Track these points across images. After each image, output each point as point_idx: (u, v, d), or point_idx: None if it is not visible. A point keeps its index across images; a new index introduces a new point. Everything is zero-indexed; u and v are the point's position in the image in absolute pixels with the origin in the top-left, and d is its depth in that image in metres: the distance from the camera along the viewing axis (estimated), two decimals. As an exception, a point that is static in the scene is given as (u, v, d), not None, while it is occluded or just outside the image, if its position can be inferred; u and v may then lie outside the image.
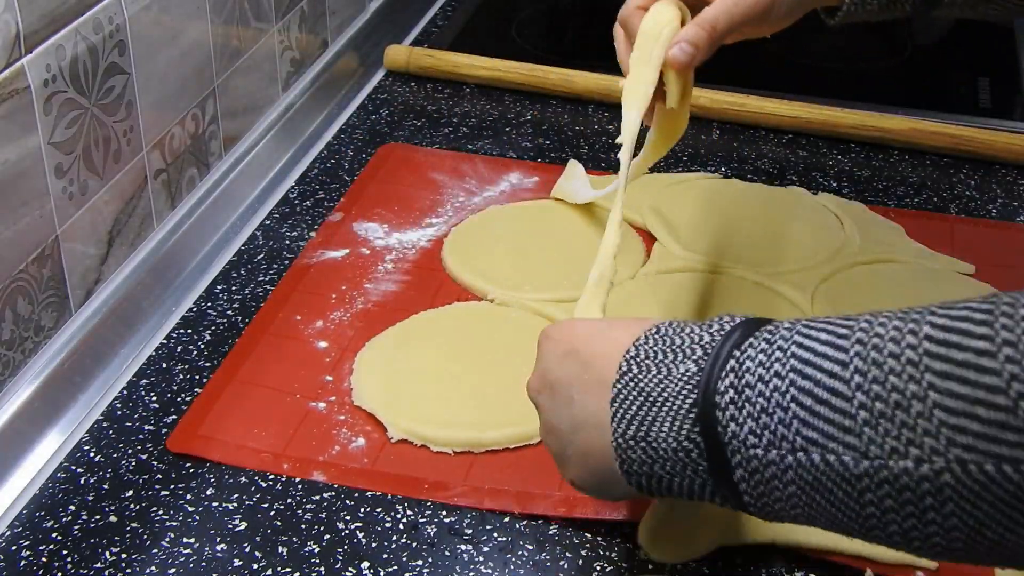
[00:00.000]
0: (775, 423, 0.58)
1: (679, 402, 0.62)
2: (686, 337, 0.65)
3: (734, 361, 0.61)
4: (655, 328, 0.67)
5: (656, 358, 0.64)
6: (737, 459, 0.60)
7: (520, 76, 1.38)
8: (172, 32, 1.06)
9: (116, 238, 1.02)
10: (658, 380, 0.63)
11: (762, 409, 0.58)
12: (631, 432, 0.64)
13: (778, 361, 0.59)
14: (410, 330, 1.01)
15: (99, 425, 0.92)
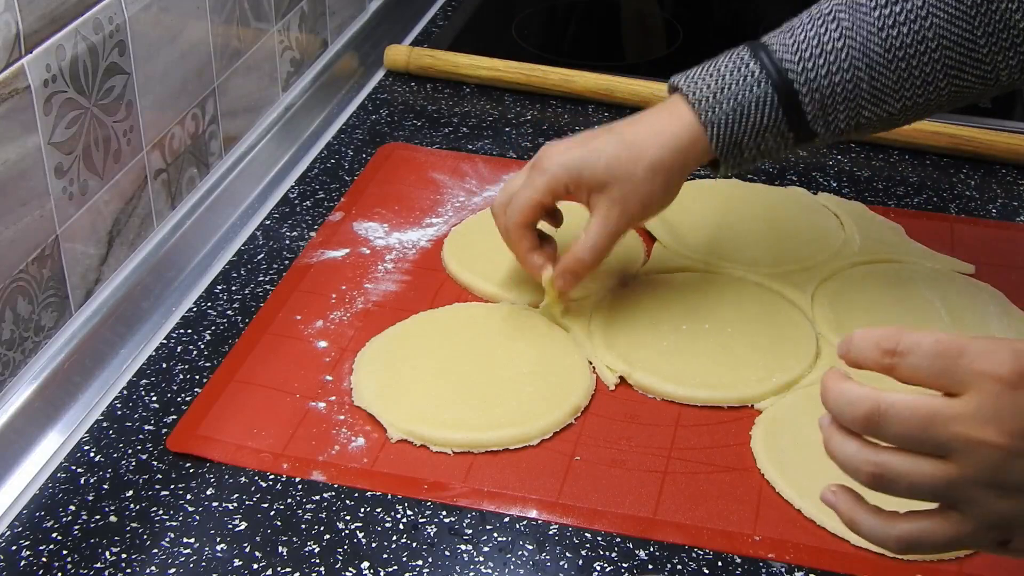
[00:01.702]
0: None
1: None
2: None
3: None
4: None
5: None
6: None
7: (520, 76, 1.38)
8: (172, 32, 1.06)
9: (116, 238, 1.02)
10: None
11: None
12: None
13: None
14: (410, 330, 1.01)
15: (99, 425, 0.92)
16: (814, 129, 0.93)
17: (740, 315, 1.02)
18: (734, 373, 0.96)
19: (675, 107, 0.95)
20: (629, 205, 0.95)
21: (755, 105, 0.92)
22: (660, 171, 0.94)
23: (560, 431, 0.92)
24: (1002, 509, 0.61)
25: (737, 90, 0.92)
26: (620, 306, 1.04)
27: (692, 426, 0.93)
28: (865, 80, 0.91)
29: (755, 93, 0.92)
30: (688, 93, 0.94)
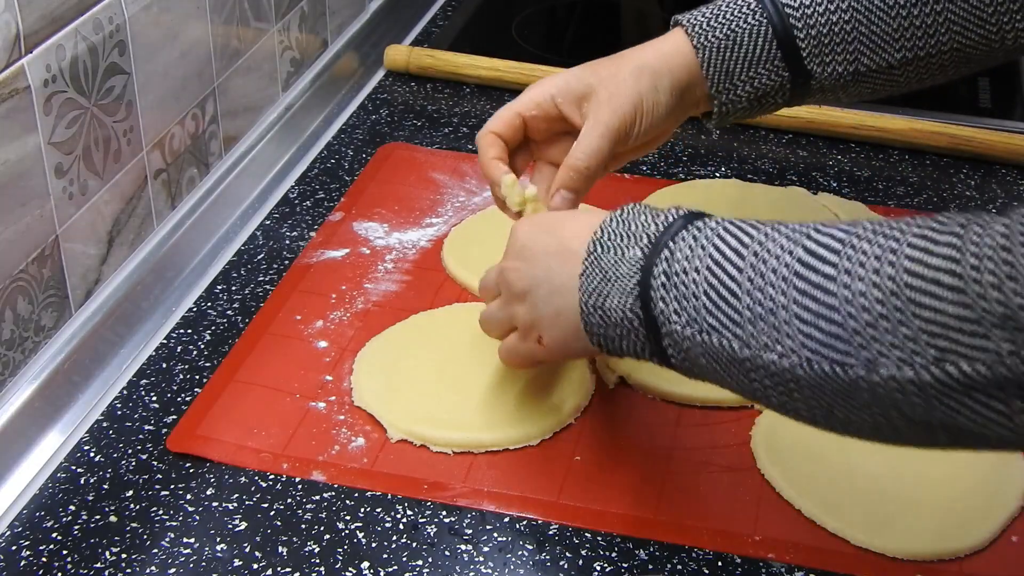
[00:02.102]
0: (690, 307, 0.72)
1: (626, 281, 0.76)
2: (639, 224, 0.78)
3: (667, 251, 0.75)
4: (620, 211, 0.79)
5: (615, 239, 0.78)
6: (664, 330, 0.74)
7: (520, 76, 1.38)
8: (172, 32, 1.06)
9: (116, 238, 1.02)
10: (614, 260, 0.77)
11: (682, 295, 0.73)
12: (592, 301, 0.78)
13: (698, 257, 0.73)
14: (410, 330, 1.01)
15: (99, 425, 0.92)
16: (810, 68, 0.91)
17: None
18: (734, 373, 0.96)
19: (672, 35, 0.94)
20: (620, 103, 0.92)
21: (748, 35, 0.91)
22: (646, 71, 0.92)
23: (560, 431, 0.92)
24: (524, 313, 0.84)
25: (732, 19, 0.92)
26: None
27: (692, 426, 0.93)
28: (864, 24, 0.90)
29: (749, 23, 0.91)
30: (683, 20, 0.93)
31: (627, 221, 0.78)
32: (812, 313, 0.66)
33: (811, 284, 0.66)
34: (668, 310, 0.73)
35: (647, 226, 0.77)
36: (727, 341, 0.70)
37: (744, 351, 0.69)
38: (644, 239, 0.76)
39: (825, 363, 0.65)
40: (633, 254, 0.76)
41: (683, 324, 0.72)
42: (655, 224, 0.77)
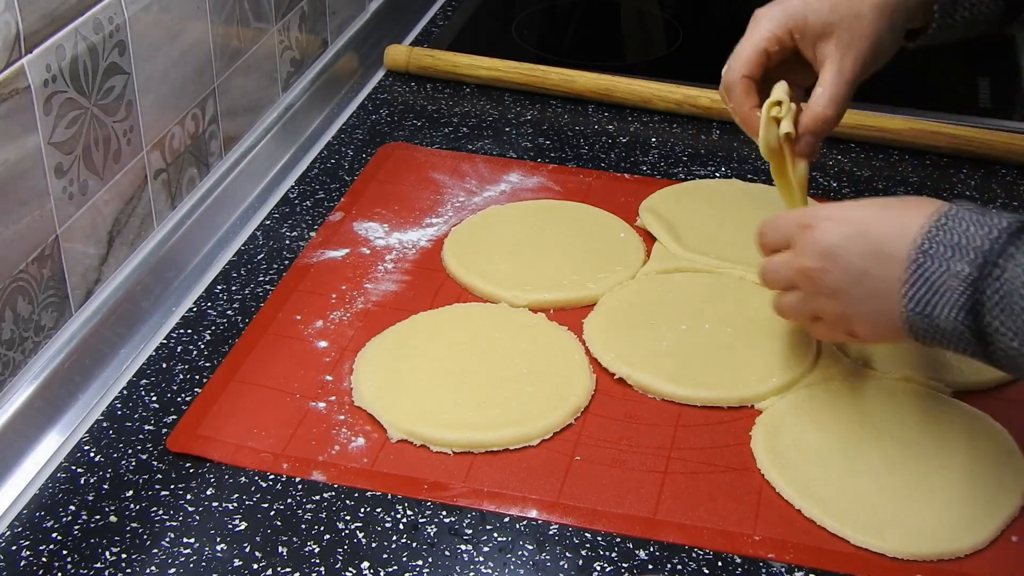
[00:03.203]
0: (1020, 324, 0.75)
1: (956, 295, 0.79)
2: (965, 236, 0.79)
3: (998, 270, 0.77)
4: (941, 218, 0.81)
5: (940, 252, 0.79)
6: (993, 342, 0.78)
7: (520, 76, 1.38)
8: (172, 32, 1.06)
9: (116, 238, 1.02)
10: (940, 273, 0.79)
11: (1016, 312, 0.76)
12: (917, 309, 0.81)
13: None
14: (410, 330, 1.01)
15: (99, 425, 0.92)
16: None
17: (740, 315, 1.02)
18: (734, 373, 0.96)
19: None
20: (861, 49, 0.92)
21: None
22: (887, 8, 0.92)
23: (560, 431, 0.92)
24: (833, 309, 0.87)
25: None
26: (620, 306, 1.04)
27: (692, 426, 0.93)
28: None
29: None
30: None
31: (951, 231, 0.80)
32: None
33: None
34: (1001, 328, 0.76)
35: (973, 239, 0.79)
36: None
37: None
38: (971, 254, 0.78)
39: None
40: (961, 269, 0.78)
41: (1012, 338, 0.76)
42: (981, 238, 0.78)
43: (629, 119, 1.34)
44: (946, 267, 0.79)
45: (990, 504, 0.85)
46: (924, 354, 0.98)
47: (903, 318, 0.81)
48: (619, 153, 1.28)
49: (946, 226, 0.80)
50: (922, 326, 0.81)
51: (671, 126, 1.33)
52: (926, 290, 0.80)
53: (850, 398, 0.94)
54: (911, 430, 0.91)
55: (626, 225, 1.15)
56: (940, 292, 0.79)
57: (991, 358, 0.79)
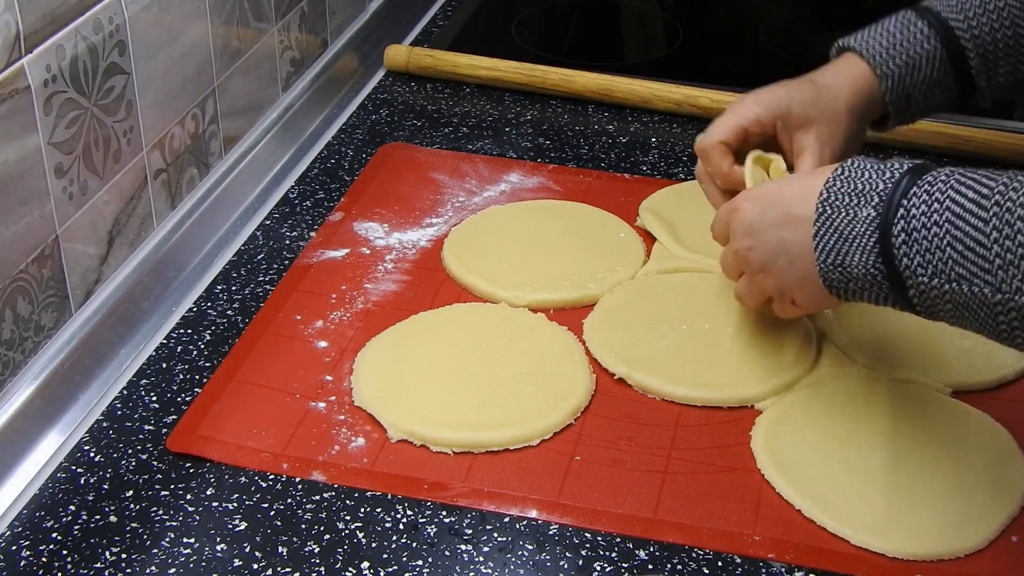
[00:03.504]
0: (935, 260, 0.77)
1: (864, 240, 0.80)
2: (865, 183, 0.81)
3: (903, 209, 0.78)
4: (840, 170, 0.83)
5: (843, 201, 0.82)
6: (910, 283, 0.79)
7: (520, 76, 1.38)
8: (172, 32, 1.06)
9: (116, 238, 1.02)
10: (847, 220, 0.81)
11: (926, 249, 0.77)
12: (830, 259, 0.82)
13: (936, 212, 0.77)
14: (410, 330, 1.01)
15: (99, 425, 0.92)
16: (977, 83, 0.98)
17: (740, 315, 1.02)
18: (734, 373, 0.96)
19: (851, 63, 1.00)
20: (837, 145, 0.98)
21: (925, 60, 0.97)
22: (856, 113, 0.98)
23: (560, 431, 0.92)
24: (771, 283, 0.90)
25: (908, 46, 0.97)
26: (620, 306, 1.04)
27: (692, 426, 0.93)
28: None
29: (925, 48, 0.97)
30: (862, 50, 0.99)
31: (851, 180, 0.82)
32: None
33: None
34: (912, 264, 0.77)
35: (875, 184, 0.81)
36: (977, 288, 0.75)
37: (996, 296, 0.74)
38: (875, 198, 0.80)
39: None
40: (866, 214, 0.80)
41: (929, 276, 0.77)
42: (882, 182, 0.81)
43: (629, 119, 1.34)
44: (852, 214, 0.81)
45: (990, 504, 0.85)
46: (924, 354, 0.98)
47: (819, 273, 0.83)
48: (619, 153, 1.28)
49: (846, 176, 0.82)
50: (836, 277, 0.82)
51: (671, 126, 1.33)
52: (835, 239, 0.81)
53: (850, 398, 0.94)
54: (911, 430, 0.91)
55: (626, 225, 1.15)
56: (848, 239, 0.81)
57: (909, 303, 0.80)
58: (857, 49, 0.99)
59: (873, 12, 1.77)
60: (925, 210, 0.77)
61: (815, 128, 0.97)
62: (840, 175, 0.83)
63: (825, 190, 0.83)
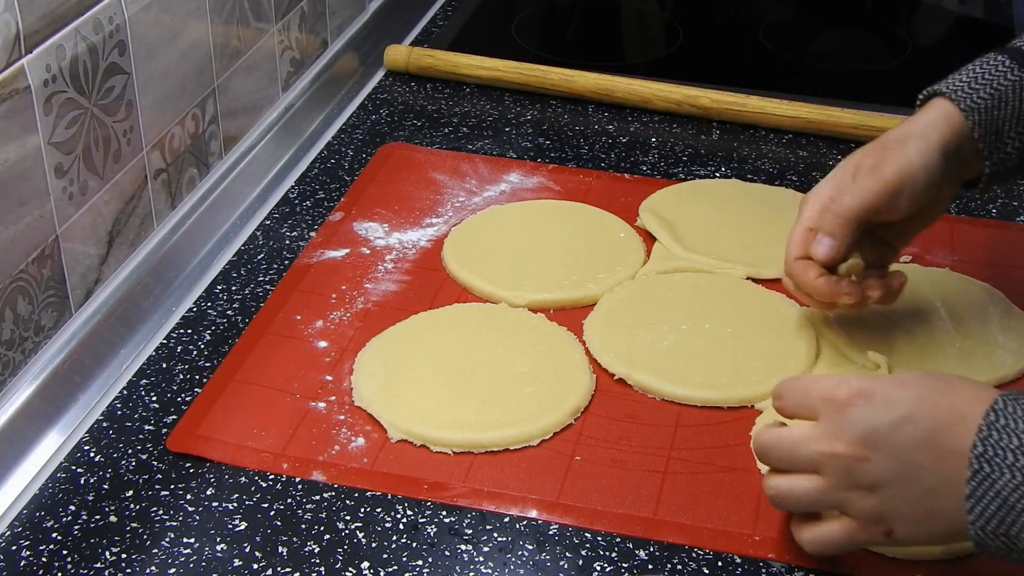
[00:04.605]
0: None
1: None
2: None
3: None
4: (994, 415, 0.72)
5: (1007, 459, 0.70)
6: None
7: (520, 76, 1.38)
8: (172, 32, 1.06)
9: (116, 238, 1.02)
10: (1014, 486, 0.70)
11: None
12: (991, 527, 0.71)
13: None
14: (410, 330, 1.01)
15: (99, 425, 0.92)
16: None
17: (740, 315, 1.02)
18: (734, 373, 0.96)
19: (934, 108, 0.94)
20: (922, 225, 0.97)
21: (1012, 90, 0.92)
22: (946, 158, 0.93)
23: (560, 431, 0.92)
24: (870, 506, 0.75)
25: (991, 78, 0.92)
26: (620, 306, 1.04)
27: (692, 426, 0.93)
28: None
29: (1010, 79, 0.92)
30: (943, 89, 0.94)
31: (1011, 433, 0.71)
32: None
33: None
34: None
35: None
36: None
37: None
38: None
39: None
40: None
41: None
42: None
43: (629, 119, 1.34)
44: (1020, 478, 0.69)
45: (990, 504, 0.85)
46: (924, 354, 0.98)
47: (974, 539, 0.72)
48: (619, 153, 1.28)
49: (1004, 426, 0.71)
50: (998, 546, 0.71)
51: (671, 126, 1.33)
52: (998, 506, 0.70)
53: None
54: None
55: (626, 225, 1.15)
56: (1018, 510, 0.70)
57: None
58: (941, 90, 0.94)
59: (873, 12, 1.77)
60: None
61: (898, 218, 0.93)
62: (996, 423, 0.71)
63: (980, 442, 0.71)
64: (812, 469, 0.76)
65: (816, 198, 0.94)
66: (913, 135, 0.93)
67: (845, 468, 0.75)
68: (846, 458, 0.75)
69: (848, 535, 0.77)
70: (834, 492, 0.76)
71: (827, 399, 0.76)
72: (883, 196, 0.92)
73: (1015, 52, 0.93)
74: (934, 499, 0.73)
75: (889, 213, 0.93)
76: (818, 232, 0.93)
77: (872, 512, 0.75)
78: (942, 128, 0.92)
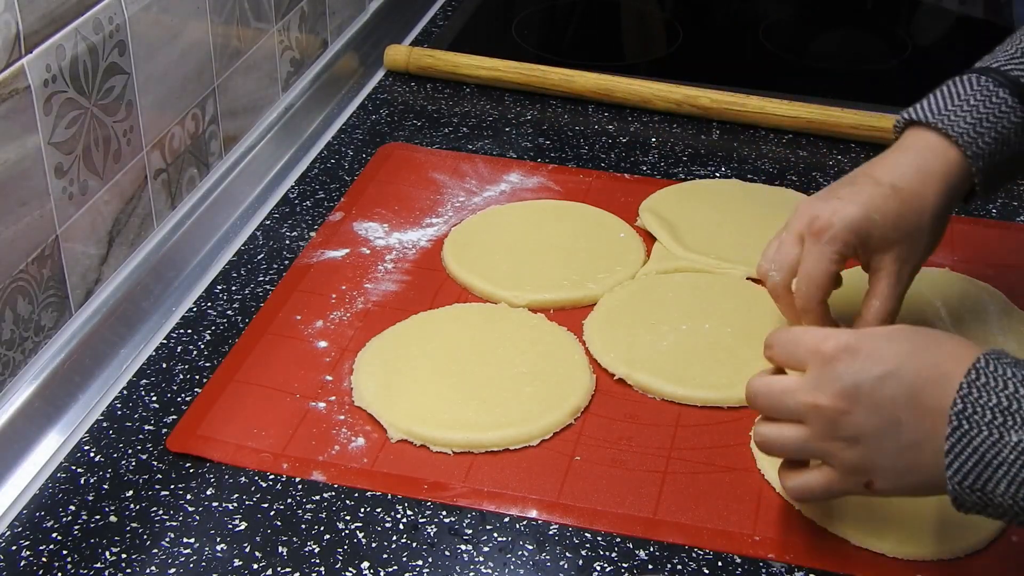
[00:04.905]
0: None
1: (1015, 471, 0.70)
2: (1010, 399, 0.71)
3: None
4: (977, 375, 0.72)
5: (985, 418, 0.71)
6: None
7: (520, 76, 1.38)
8: (172, 32, 1.06)
9: (116, 238, 1.02)
10: (990, 443, 0.71)
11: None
12: (967, 483, 0.72)
13: None
14: (410, 330, 1.01)
15: (99, 425, 0.92)
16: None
17: (740, 315, 1.02)
18: (734, 373, 0.96)
19: (933, 145, 0.91)
20: (916, 260, 0.92)
21: (1014, 134, 0.90)
22: (942, 218, 0.91)
23: (560, 431, 0.92)
24: (851, 457, 0.76)
25: (995, 121, 0.90)
26: (620, 306, 1.04)
27: (692, 426, 0.93)
28: None
29: (1013, 122, 0.90)
30: (947, 130, 0.90)
31: (991, 392, 0.72)
32: None
33: None
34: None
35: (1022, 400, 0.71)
36: None
37: None
38: None
39: None
40: (1016, 439, 0.70)
41: None
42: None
43: (629, 119, 1.34)
44: (997, 436, 0.70)
45: (990, 504, 0.85)
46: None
47: (952, 494, 0.73)
48: (619, 153, 1.28)
49: (984, 384, 0.72)
50: (974, 501, 0.72)
51: (671, 126, 1.33)
52: (975, 462, 0.71)
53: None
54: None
55: (626, 225, 1.15)
56: (992, 466, 0.71)
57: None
58: (940, 128, 0.90)
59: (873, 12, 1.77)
60: None
61: (895, 250, 0.90)
62: (976, 381, 0.72)
63: (960, 399, 0.72)
64: (797, 419, 0.78)
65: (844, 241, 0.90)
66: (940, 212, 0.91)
67: (828, 420, 0.76)
68: (829, 410, 0.76)
69: (828, 484, 0.79)
70: (817, 442, 0.78)
71: (814, 351, 0.78)
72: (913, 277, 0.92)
73: (1012, 85, 0.90)
74: (914, 454, 0.74)
75: None
76: None
77: (853, 463, 0.77)
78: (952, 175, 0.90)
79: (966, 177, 0.90)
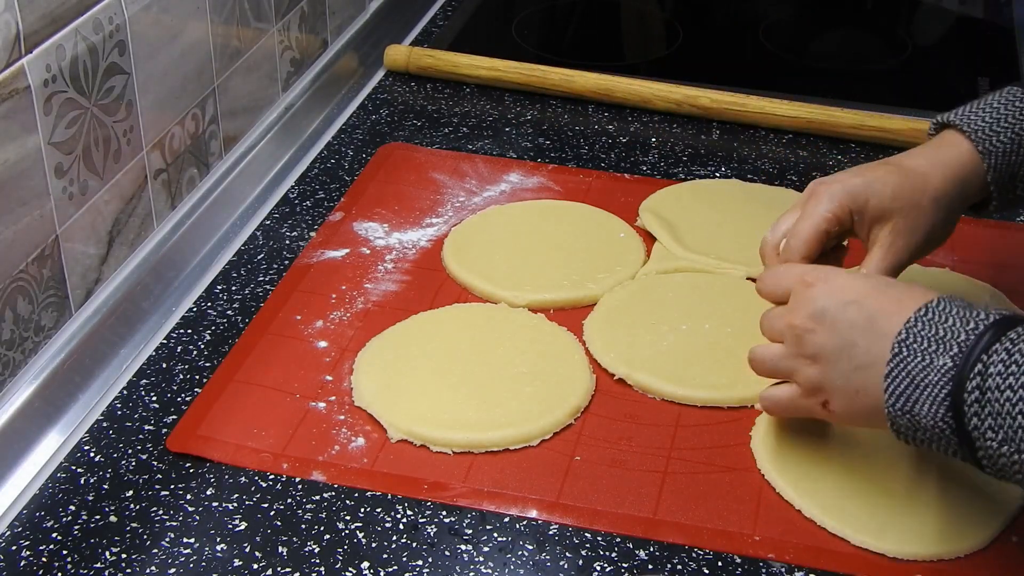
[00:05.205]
0: (1007, 426, 0.71)
1: (936, 390, 0.75)
2: (947, 330, 0.76)
3: (980, 365, 0.73)
4: (925, 310, 0.77)
5: (921, 345, 0.76)
6: (978, 444, 0.74)
7: (520, 76, 1.38)
8: (172, 32, 1.06)
9: (116, 238, 1.02)
10: (922, 367, 0.76)
11: (998, 412, 0.72)
12: (899, 404, 0.77)
13: (1013, 375, 0.71)
14: (410, 330, 1.01)
15: (99, 425, 0.92)
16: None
17: (740, 315, 1.02)
18: (734, 373, 0.96)
19: (950, 141, 0.92)
20: (914, 237, 0.91)
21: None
22: (943, 202, 0.91)
23: (560, 431, 0.92)
24: (811, 375, 0.83)
25: (1015, 121, 0.91)
26: (620, 306, 1.04)
27: (692, 426, 0.93)
28: None
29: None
30: (963, 125, 0.92)
31: (933, 324, 0.76)
32: None
33: None
34: (983, 426, 0.72)
35: (956, 333, 0.75)
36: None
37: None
38: (954, 348, 0.74)
39: None
40: (943, 363, 0.75)
41: (999, 442, 0.72)
42: (965, 331, 0.75)
43: (629, 119, 1.34)
44: (928, 360, 0.75)
45: (990, 504, 0.85)
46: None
47: (887, 416, 0.77)
48: (619, 153, 1.28)
49: (929, 318, 0.77)
50: (905, 424, 0.77)
51: (671, 126, 1.33)
52: (907, 384, 0.76)
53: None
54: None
55: (626, 225, 1.15)
56: (920, 387, 0.75)
57: (978, 463, 0.75)
58: (957, 124, 0.92)
59: (873, 12, 1.77)
60: (1003, 370, 0.72)
61: (892, 221, 0.90)
62: (923, 315, 0.77)
63: (904, 330, 0.77)
64: (778, 338, 0.86)
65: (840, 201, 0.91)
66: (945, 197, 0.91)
67: (796, 338, 0.83)
68: (798, 328, 0.83)
69: (791, 399, 0.85)
70: (787, 359, 0.85)
71: (799, 279, 0.85)
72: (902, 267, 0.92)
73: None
74: (863, 375, 0.79)
75: None
76: None
77: (813, 381, 0.83)
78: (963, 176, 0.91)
79: (978, 173, 0.91)
